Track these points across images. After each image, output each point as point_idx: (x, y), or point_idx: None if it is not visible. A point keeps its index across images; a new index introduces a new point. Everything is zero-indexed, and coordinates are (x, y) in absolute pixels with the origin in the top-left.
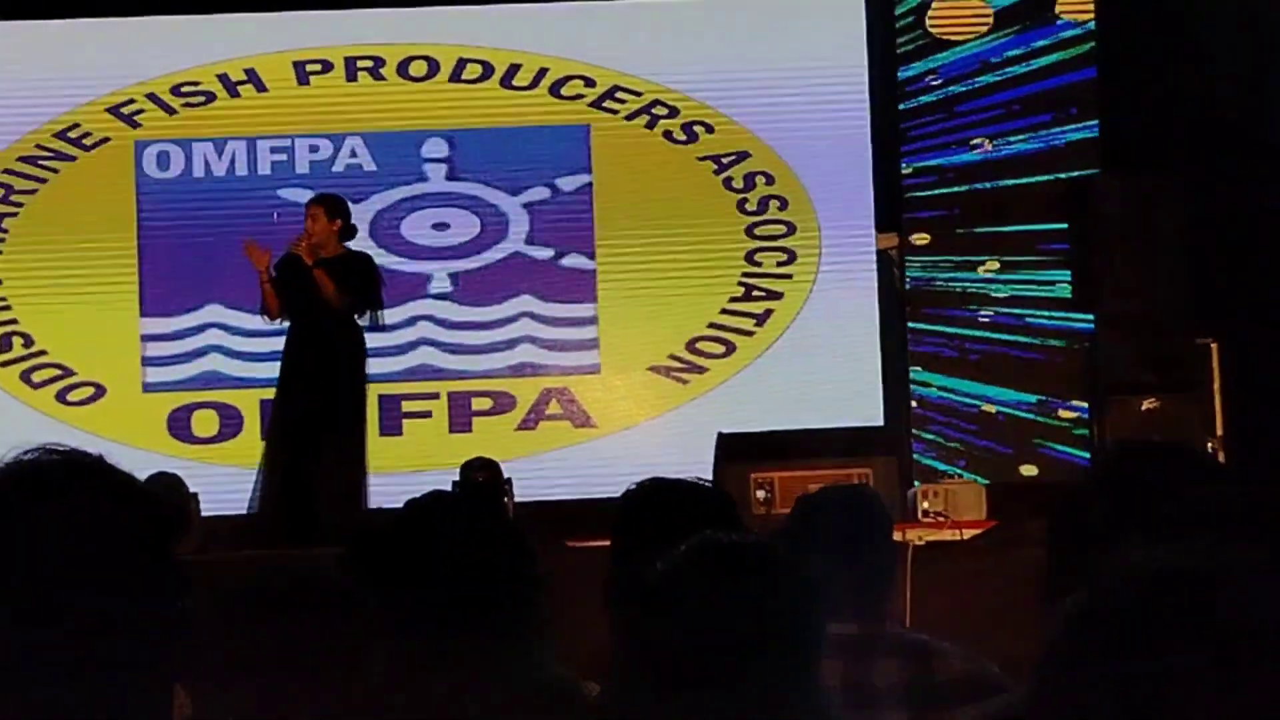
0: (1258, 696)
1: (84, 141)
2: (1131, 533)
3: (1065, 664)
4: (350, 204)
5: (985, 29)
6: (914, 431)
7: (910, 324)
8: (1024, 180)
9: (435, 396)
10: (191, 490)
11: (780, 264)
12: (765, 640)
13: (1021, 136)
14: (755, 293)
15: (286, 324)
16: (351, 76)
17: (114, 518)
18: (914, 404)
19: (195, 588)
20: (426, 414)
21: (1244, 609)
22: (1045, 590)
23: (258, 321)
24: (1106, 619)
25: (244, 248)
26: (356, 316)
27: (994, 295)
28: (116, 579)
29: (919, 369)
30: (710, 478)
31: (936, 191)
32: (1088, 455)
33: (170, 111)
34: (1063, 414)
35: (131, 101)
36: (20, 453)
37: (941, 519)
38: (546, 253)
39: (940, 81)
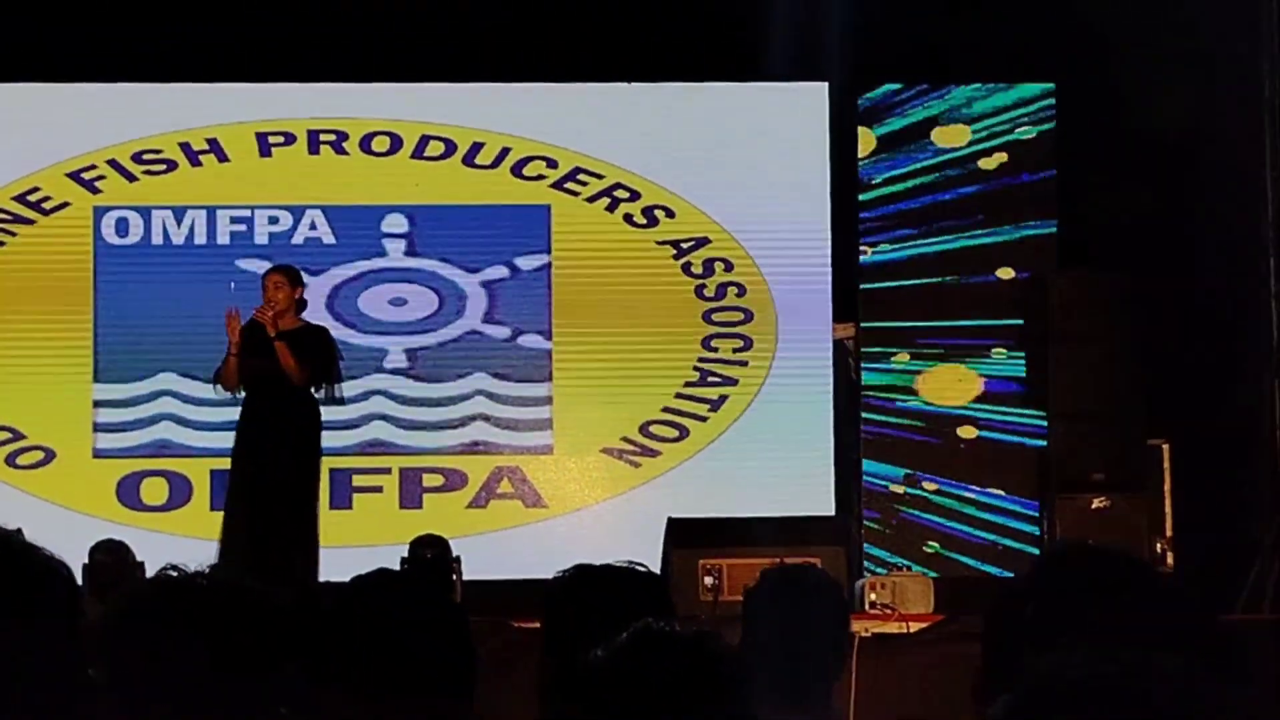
0: None
1: (43, 205)
2: (1063, 636)
3: None
4: (308, 276)
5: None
6: (864, 522)
7: (864, 414)
8: (981, 276)
9: (387, 471)
10: (138, 559)
11: (736, 350)
12: None
13: (979, 232)
14: (711, 378)
15: (242, 394)
16: (314, 149)
17: (14, 591)
18: (864, 495)
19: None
20: (377, 489)
21: None
22: (979, 688)
23: (211, 391)
24: None
25: (226, 317)
26: (314, 390)
27: (948, 390)
28: (16, 653)
29: (871, 460)
30: (659, 562)
31: (893, 283)
32: (1037, 552)
33: (131, 178)
34: (1013, 510)
35: (92, 167)
36: None
37: (889, 611)
38: (503, 331)
39: (900, 175)
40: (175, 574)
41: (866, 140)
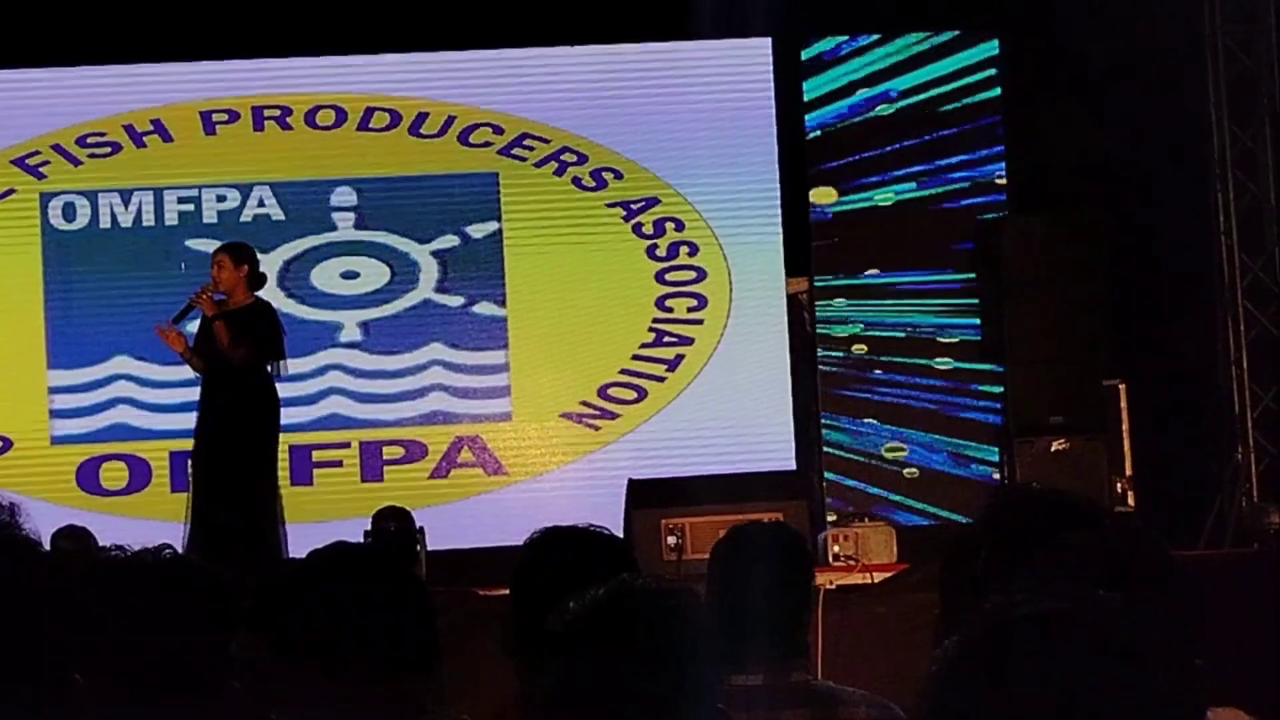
0: None
1: None
2: (1017, 579)
3: (937, 710)
4: (258, 253)
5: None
6: (825, 475)
7: (821, 368)
8: (931, 225)
9: (346, 446)
10: (101, 544)
11: (691, 309)
12: (671, 686)
13: (929, 182)
14: (666, 338)
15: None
16: (259, 126)
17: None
18: (825, 448)
19: None
20: (338, 463)
21: (1096, 660)
22: (937, 634)
23: (166, 373)
24: (969, 666)
25: (160, 335)
26: (268, 367)
27: (904, 339)
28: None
29: (830, 413)
30: (621, 524)
31: (846, 235)
32: None
33: (76, 163)
34: (974, 456)
35: (37, 153)
36: None
37: (852, 563)
38: (457, 300)
39: (847, 127)
40: (120, 554)
41: (812, 94)
